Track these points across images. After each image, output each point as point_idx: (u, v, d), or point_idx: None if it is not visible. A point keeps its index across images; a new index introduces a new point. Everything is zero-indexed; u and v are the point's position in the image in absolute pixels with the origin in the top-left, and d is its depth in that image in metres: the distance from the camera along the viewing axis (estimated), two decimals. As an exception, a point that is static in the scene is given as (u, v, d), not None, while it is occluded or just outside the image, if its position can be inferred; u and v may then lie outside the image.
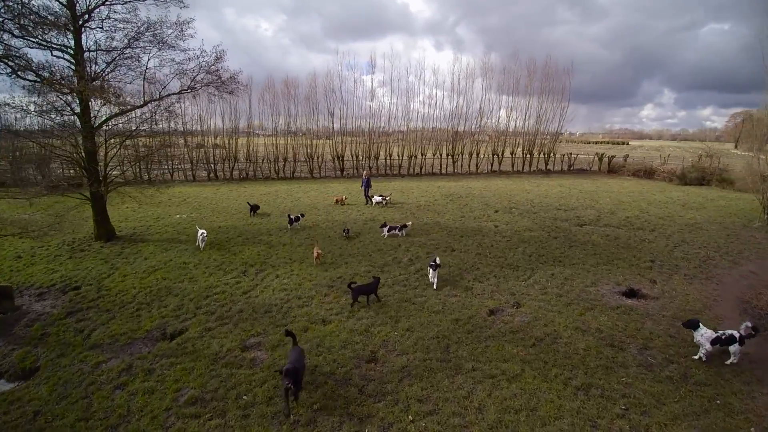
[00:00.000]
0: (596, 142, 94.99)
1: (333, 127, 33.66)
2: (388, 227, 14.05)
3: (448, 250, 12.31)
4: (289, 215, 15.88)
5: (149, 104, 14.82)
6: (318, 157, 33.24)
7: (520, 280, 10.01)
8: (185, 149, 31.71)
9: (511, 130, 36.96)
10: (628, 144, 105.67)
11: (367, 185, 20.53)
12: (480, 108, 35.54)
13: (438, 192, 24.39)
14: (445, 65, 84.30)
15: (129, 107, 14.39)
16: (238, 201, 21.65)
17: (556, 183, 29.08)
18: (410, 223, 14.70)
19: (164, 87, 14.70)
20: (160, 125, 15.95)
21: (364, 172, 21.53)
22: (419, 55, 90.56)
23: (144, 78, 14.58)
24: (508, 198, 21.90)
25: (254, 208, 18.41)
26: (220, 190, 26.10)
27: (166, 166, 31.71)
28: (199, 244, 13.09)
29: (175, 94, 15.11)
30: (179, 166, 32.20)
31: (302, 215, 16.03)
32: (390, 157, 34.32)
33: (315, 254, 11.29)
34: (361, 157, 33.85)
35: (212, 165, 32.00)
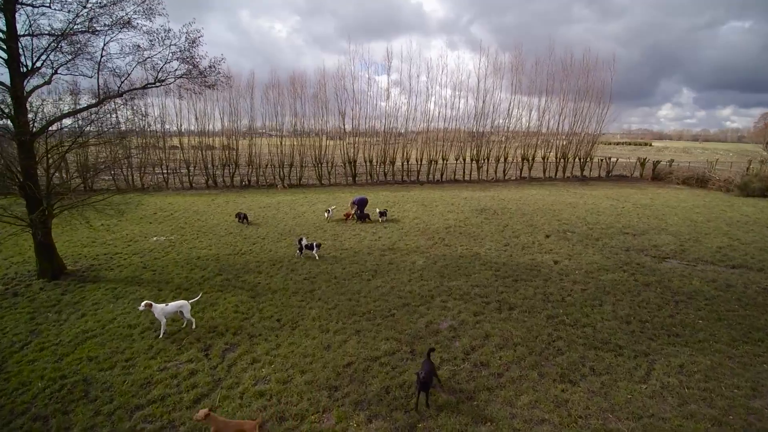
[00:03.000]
0: (617, 143, 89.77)
1: (344, 128, 30.20)
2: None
3: (504, 309, 8.62)
4: (300, 240, 12.39)
5: (106, 102, 11.51)
6: (327, 162, 29.81)
7: (636, 380, 6.28)
8: (180, 153, 28.71)
9: (543, 131, 32.95)
10: (650, 145, 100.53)
11: (362, 204, 17.19)
12: (509, 107, 31.67)
13: (466, 206, 20.66)
14: (467, 62, 79.25)
15: (77, 108, 11.13)
16: (232, 217, 18.28)
17: (602, 194, 25.06)
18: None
19: (124, 80, 11.35)
20: (122, 126, 12.56)
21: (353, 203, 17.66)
22: (436, 53, 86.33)
23: (98, 68, 11.26)
24: (554, 215, 18.07)
25: (243, 218, 17.07)
26: (216, 201, 22.86)
27: (160, 173, 28.77)
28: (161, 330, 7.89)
29: (140, 88, 11.78)
30: (177, 171, 29.20)
31: (319, 245, 12.35)
32: (408, 161, 30.70)
33: None
34: (375, 162, 30.32)
35: (211, 171, 28.85)
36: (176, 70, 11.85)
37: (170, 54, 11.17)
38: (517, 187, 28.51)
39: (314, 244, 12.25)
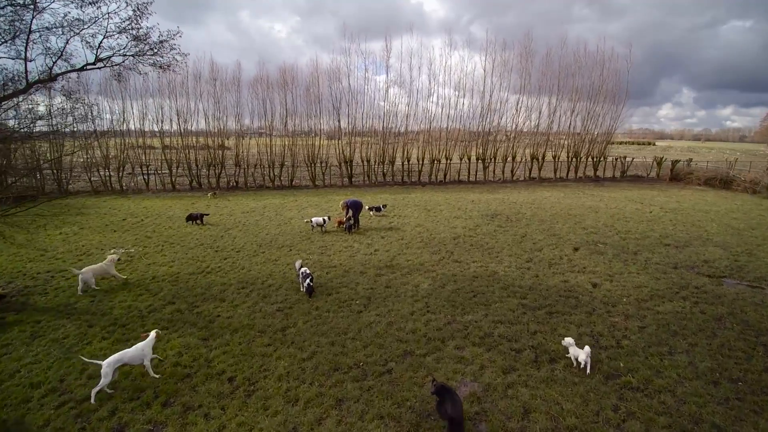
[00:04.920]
0: (620, 143, 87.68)
1: (339, 126, 27.90)
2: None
3: (543, 361, 6.32)
4: (298, 265, 9.50)
5: (36, 88, 9.26)
6: (321, 162, 27.54)
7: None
8: (161, 153, 26.47)
9: (554, 129, 30.65)
10: (654, 144, 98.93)
11: (357, 209, 14.81)
12: (517, 102, 29.35)
13: (474, 210, 18.39)
14: (471, 59, 75.86)
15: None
16: (207, 225, 16.00)
17: (622, 196, 22.77)
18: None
19: (56, 60, 9.09)
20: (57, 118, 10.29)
21: (345, 205, 15.01)
22: (438, 50, 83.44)
23: (26, 46, 9.02)
24: (576, 221, 15.77)
25: (197, 219, 16.05)
26: (196, 205, 20.59)
27: (140, 174, 26.49)
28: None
29: (77, 70, 9.52)
30: (157, 172, 26.97)
31: (311, 290, 8.88)
32: (408, 161, 28.42)
33: None
34: (373, 161, 28.06)
35: (195, 171, 26.56)
36: (125, 48, 9.61)
37: (112, 25, 8.92)
38: (527, 188, 26.22)
39: (310, 283, 8.77)
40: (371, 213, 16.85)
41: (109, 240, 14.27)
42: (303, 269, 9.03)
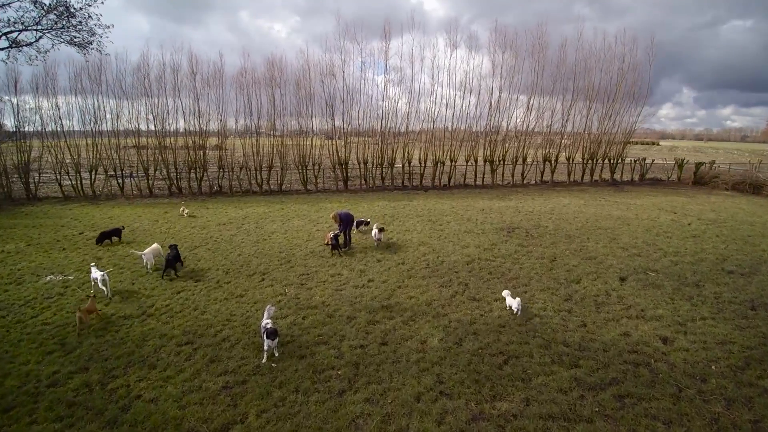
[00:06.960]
0: (623, 143, 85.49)
1: (333, 125, 25.43)
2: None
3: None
4: (267, 315, 6.82)
5: None
6: (314, 165, 25.09)
7: None
8: (137, 154, 24.03)
9: (567, 129, 28.16)
10: (658, 144, 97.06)
11: (348, 223, 12.22)
12: (528, 100, 26.85)
13: (486, 222, 15.93)
14: (476, 55, 72.97)
15: None
16: (178, 237, 13.55)
17: (650, 203, 20.32)
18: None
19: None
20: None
21: (337, 216, 12.17)
22: (441, 46, 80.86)
23: None
24: (610, 237, 13.28)
25: (108, 235, 13.36)
26: (169, 215, 18.17)
27: (113, 177, 24.03)
28: None
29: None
30: (133, 176, 24.54)
31: (274, 336, 6.29)
32: (409, 163, 25.97)
33: None
34: (370, 164, 25.63)
35: (174, 175, 24.08)
36: (37, 24, 7.17)
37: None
38: (541, 193, 23.76)
39: (275, 338, 6.26)
40: (365, 230, 14.17)
41: (54, 261, 11.85)
42: (266, 322, 6.54)
